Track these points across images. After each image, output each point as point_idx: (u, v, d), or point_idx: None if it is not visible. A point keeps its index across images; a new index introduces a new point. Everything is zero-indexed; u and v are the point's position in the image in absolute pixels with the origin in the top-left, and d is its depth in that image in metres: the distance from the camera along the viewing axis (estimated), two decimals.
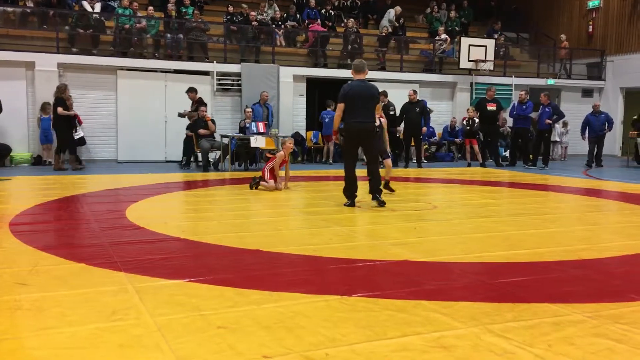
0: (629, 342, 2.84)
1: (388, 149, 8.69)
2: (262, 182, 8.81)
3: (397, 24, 17.91)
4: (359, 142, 7.25)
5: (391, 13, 17.81)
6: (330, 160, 14.72)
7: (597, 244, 5.26)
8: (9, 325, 2.95)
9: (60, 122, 11.90)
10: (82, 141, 13.31)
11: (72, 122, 12.18)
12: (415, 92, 14.06)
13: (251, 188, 8.86)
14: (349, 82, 7.29)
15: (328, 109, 14.50)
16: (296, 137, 15.14)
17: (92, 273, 3.98)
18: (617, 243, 5.31)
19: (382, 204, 7.17)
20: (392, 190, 8.46)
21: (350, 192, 7.29)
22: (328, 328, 2.97)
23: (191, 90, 12.85)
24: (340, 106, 7.12)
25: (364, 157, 7.91)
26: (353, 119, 7.06)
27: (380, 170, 7.41)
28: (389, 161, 8.59)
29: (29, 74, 13.22)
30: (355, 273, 4.15)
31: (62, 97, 11.87)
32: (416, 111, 13.61)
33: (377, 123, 7.96)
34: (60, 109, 11.78)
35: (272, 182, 8.75)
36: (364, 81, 7.22)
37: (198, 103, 12.69)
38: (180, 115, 12.97)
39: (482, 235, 5.55)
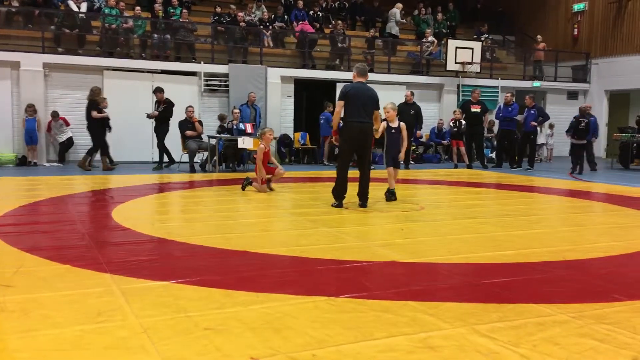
0: (612, 342, 2.87)
1: (403, 155, 8.19)
2: (253, 184, 8.80)
3: (404, 22, 17.88)
4: (359, 142, 7.15)
5: (397, 15, 17.64)
6: (326, 162, 14.55)
7: (582, 244, 5.31)
8: None
9: (95, 124, 11.88)
10: (70, 142, 13.27)
11: (107, 123, 12.17)
12: (412, 93, 14.07)
13: (243, 189, 8.84)
14: (350, 83, 7.33)
15: (325, 111, 14.43)
16: (284, 138, 15.14)
17: (77, 274, 3.95)
18: (602, 244, 5.36)
19: (363, 206, 7.23)
20: (393, 199, 7.92)
21: (338, 193, 7.29)
22: (315, 329, 2.97)
23: (159, 91, 12.72)
24: (340, 103, 7.14)
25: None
26: (353, 118, 7.07)
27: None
28: (397, 170, 8.11)
29: (14, 74, 13.09)
30: (342, 274, 4.15)
31: (95, 100, 11.84)
32: (410, 113, 13.52)
33: (396, 125, 7.97)
34: (94, 113, 11.78)
35: (264, 186, 8.72)
36: (364, 84, 7.26)
37: (165, 103, 12.63)
38: (149, 116, 12.88)
39: (469, 236, 5.58)
